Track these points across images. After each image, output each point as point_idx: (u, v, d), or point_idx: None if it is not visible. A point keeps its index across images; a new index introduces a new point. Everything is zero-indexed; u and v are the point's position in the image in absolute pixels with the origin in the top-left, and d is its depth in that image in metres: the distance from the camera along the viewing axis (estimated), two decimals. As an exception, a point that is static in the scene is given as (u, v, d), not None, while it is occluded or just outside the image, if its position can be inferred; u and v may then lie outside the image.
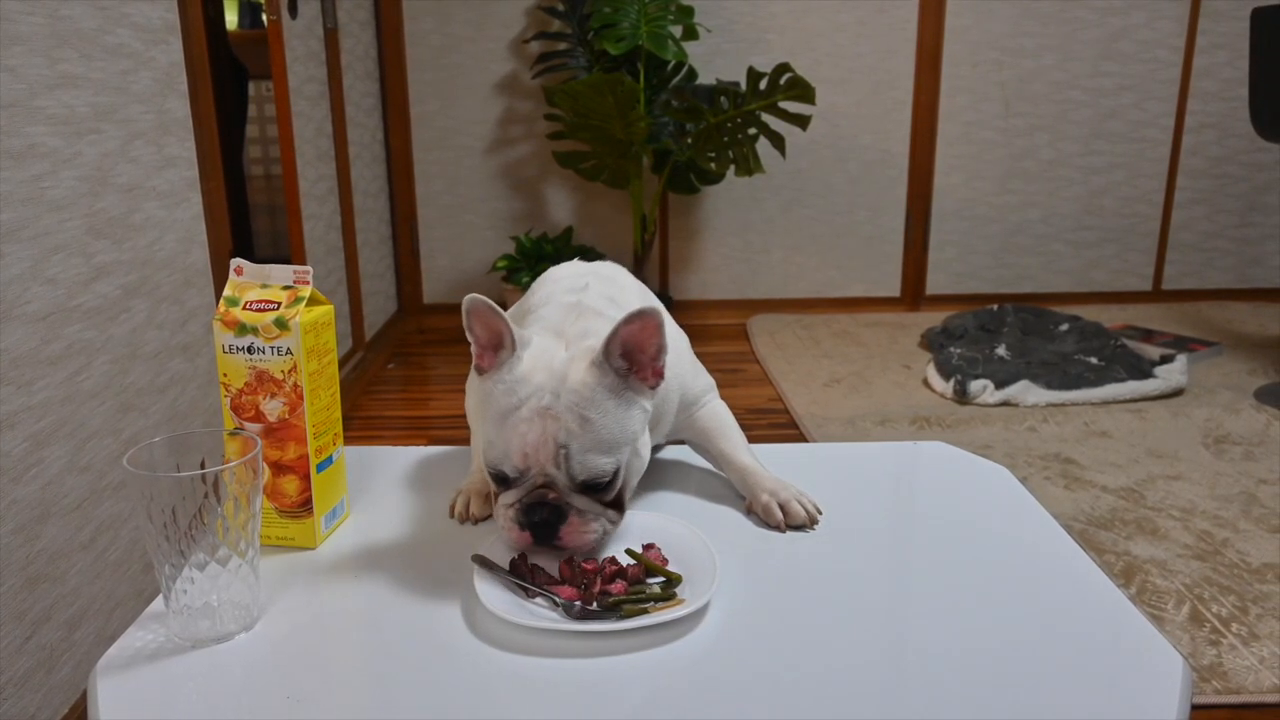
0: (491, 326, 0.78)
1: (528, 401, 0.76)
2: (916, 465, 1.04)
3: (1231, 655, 1.46)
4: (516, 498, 0.76)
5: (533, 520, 0.75)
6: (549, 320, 0.84)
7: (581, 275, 0.92)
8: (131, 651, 0.68)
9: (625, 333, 0.76)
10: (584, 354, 0.78)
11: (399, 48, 3.32)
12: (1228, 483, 2.08)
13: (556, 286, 0.91)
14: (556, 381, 0.76)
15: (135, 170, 1.51)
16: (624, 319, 0.75)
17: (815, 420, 2.50)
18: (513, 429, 0.75)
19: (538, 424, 0.75)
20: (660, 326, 0.76)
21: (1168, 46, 3.45)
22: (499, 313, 0.76)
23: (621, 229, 3.52)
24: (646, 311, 0.75)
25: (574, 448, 0.75)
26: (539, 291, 0.93)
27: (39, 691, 1.24)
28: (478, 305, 0.77)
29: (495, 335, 0.78)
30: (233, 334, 0.79)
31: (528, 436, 0.75)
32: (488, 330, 0.78)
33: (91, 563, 1.36)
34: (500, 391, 0.77)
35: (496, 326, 0.77)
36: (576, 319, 0.83)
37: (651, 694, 0.65)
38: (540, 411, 0.75)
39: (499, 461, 0.76)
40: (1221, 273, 3.70)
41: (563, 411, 0.75)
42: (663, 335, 0.77)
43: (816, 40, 3.39)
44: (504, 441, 0.76)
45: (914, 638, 0.71)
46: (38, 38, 1.27)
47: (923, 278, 3.65)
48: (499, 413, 0.77)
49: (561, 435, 0.75)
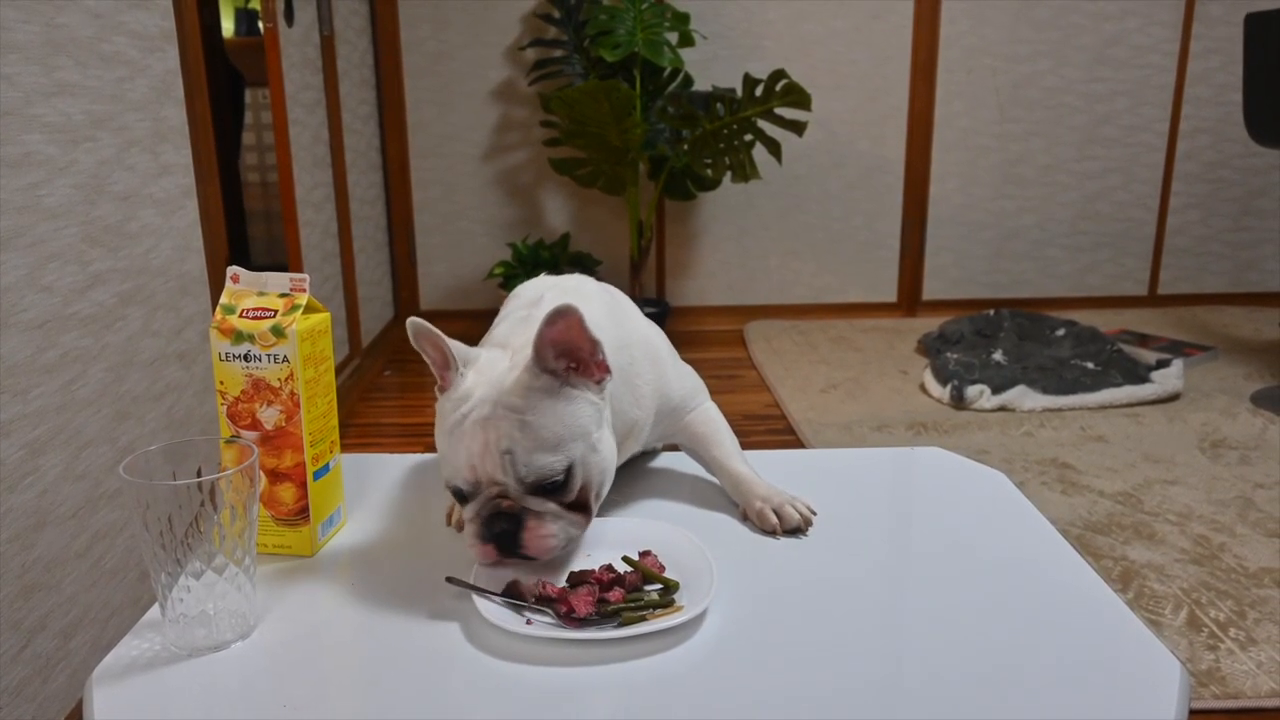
0: (438, 347, 0.79)
1: (470, 415, 0.77)
2: (913, 471, 1.04)
3: (1229, 660, 1.46)
4: (475, 511, 0.77)
5: (493, 532, 0.75)
6: (500, 335, 0.85)
7: (540, 289, 0.93)
8: (127, 660, 0.68)
9: (549, 334, 0.76)
10: (519, 362, 0.79)
11: (395, 55, 3.32)
12: (1224, 487, 2.08)
13: (516, 302, 0.93)
14: (495, 390, 0.77)
15: (131, 178, 1.51)
16: (544, 320, 0.75)
17: (812, 426, 2.50)
18: (458, 442, 0.76)
19: (479, 434, 0.76)
20: (580, 323, 0.76)
21: (1162, 52, 3.46)
22: (437, 334, 0.78)
23: (618, 235, 3.52)
24: (564, 310, 0.75)
25: (518, 451, 0.75)
26: (503, 311, 0.95)
27: (34, 701, 1.23)
28: (420, 329, 0.78)
29: (444, 355, 0.79)
30: (229, 342, 0.79)
31: (471, 447, 0.76)
32: (438, 350, 0.79)
33: (87, 571, 1.35)
34: (447, 409, 0.78)
35: (437, 345, 0.79)
36: (522, 330, 0.83)
37: (649, 701, 0.65)
38: (480, 422, 0.76)
39: (451, 477, 0.77)
40: (1217, 277, 3.71)
41: (501, 418, 0.76)
42: (587, 331, 0.77)
43: (812, 47, 3.40)
44: (452, 456, 0.77)
45: (911, 643, 0.71)
46: (33, 45, 1.27)
47: (919, 283, 3.65)
48: (445, 430, 0.78)
49: (503, 441, 0.75)
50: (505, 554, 0.76)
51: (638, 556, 0.77)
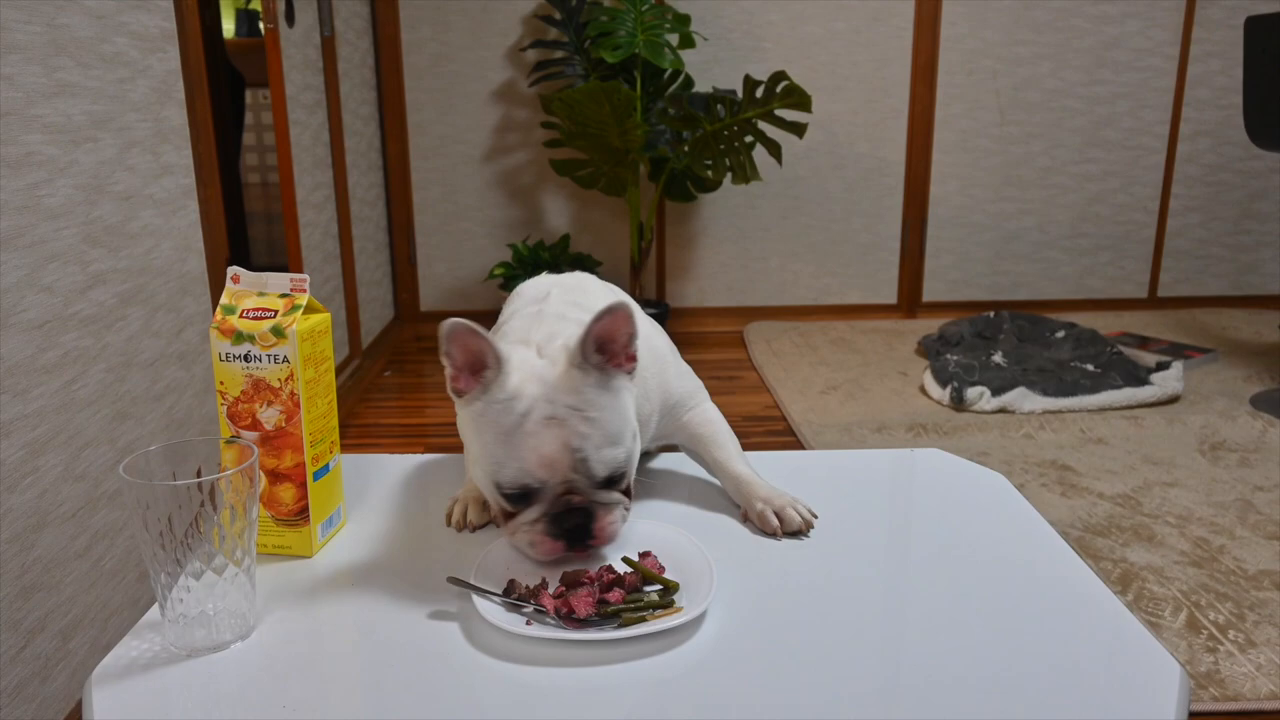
0: (471, 348, 0.77)
1: (530, 414, 0.75)
2: (913, 472, 1.04)
3: (1229, 662, 1.45)
4: (541, 511, 0.76)
5: (565, 528, 0.76)
6: (515, 333, 0.84)
7: (544, 286, 0.94)
8: (127, 661, 0.68)
9: (598, 329, 0.77)
10: (559, 356, 0.79)
11: (396, 56, 3.32)
12: (1224, 489, 2.08)
13: (520, 300, 0.94)
14: (549, 389, 0.76)
15: (132, 178, 1.51)
16: (595, 316, 0.76)
17: (812, 427, 2.50)
18: (524, 443, 0.75)
19: (548, 433, 0.75)
20: (630, 317, 0.77)
21: (1162, 55, 3.46)
22: (481, 333, 0.76)
23: (618, 236, 3.52)
24: (616, 306, 0.76)
25: (589, 448, 0.76)
26: (507, 309, 0.95)
27: (33, 702, 1.23)
28: (460, 329, 0.76)
29: (474, 357, 0.77)
30: (229, 342, 0.79)
31: (542, 448, 0.75)
32: (466, 352, 0.77)
33: (87, 571, 1.35)
34: (497, 411, 0.76)
35: (478, 347, 0.77)
36: (539, 325, 0.84)
37: (649, 702, 0.65)
38: (546, 421, 0.75)
39: (518, 479, 0.76)
40: (1217, 280, 3.71)
41: (567, 416, 0.76)
42: (633, 324, 0.78)
43: (813, 49, 3.40)
44: (518, 458, 0.75)
45: (910, 645, 0.71)
46: (35, 46, 1.27)
47: (919, 285, 3.65)
48: (502, 432, 0.76)
49: (575, 439, 0.75)
50: (573, 548, 0.76)
51: (637, 557, 0.77)
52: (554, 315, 0.86)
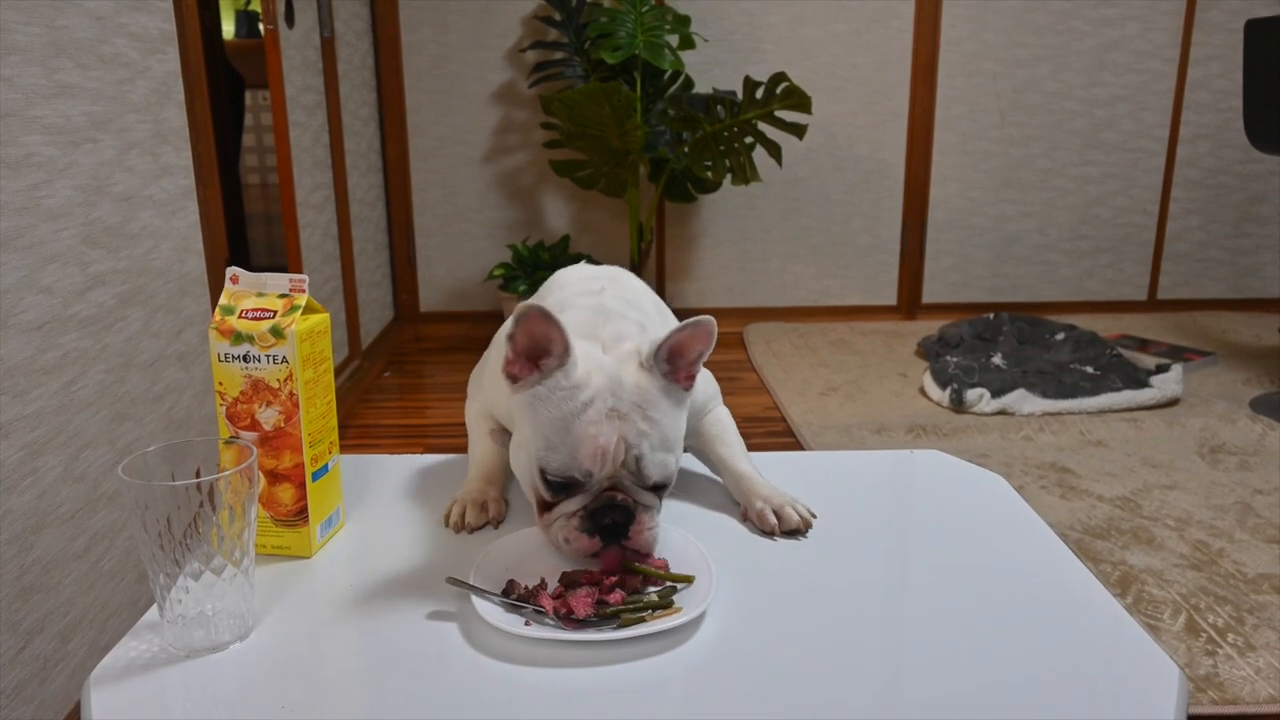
0: (540, 334, 0.76)
1: (593, 404, 0.75)
2: (912, 474, 1.04)
3: (1228, 666, 1.45)
4: (582, 504, 0.75)
5: (602, 524, 0.75)
6: (576, 324, 0.82)
7: (595, 279, 0.92)
8: (125, 661, 0.68)
9: (679, 339, 0.77)
10: (628, 357, 0.78)
11: (396, 57, 3.32)
12: (1223, 492, 2.08)
13: (569, 290, 0.91)
14: (615, 384, 0.76)
15: (131, 179, 1.51)
16: (680, 326, 0.77)
17: (812, 429, 2.50)
18: (582, 432, 0.74)
19: (609, 425, 0.75)
20: (711, 335, 0.78)
21: (1162, 58, 3.47)
22: (556, 321, 0.75)
23: (618, 237, 3.52)
24: (704, 321, 0.77)
25: (645, 447, 0.75)
26: (551, 295, 0.92)
27: (32, 703, 1.23)
28: (535, 313, 0.74)
29: (539, 343, 0.76)
30: (228, 342, 0.79)
31: (599, 439, 0.74)
32: (531, 338, 0.76)
33: (86, 572, 1.35)
34: (559, 397, 0.75)
35: (548, 334, 0.75)
36: (605, 323, 0.83)
37: (648, 703, 0.65)
38: (608, 413, 0.75)
39: (566, 467, 0.75)
40: (1216, 283, 3.71)
41: (630, 413, 0.75)
42: (711, 343, 0.78)
43: (813, 50, 3.40)
44: (572, 445, 0.75)
45: (909, 646, 0.71)
46: (34, 47, 1.27)
47: (919, 287, 3.66)
48: (559, 418, 0.75)
49: (633, 435, 0.75)
50: (608, 545, 0.76)
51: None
52: (616, 314, 0.85)
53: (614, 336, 0.82)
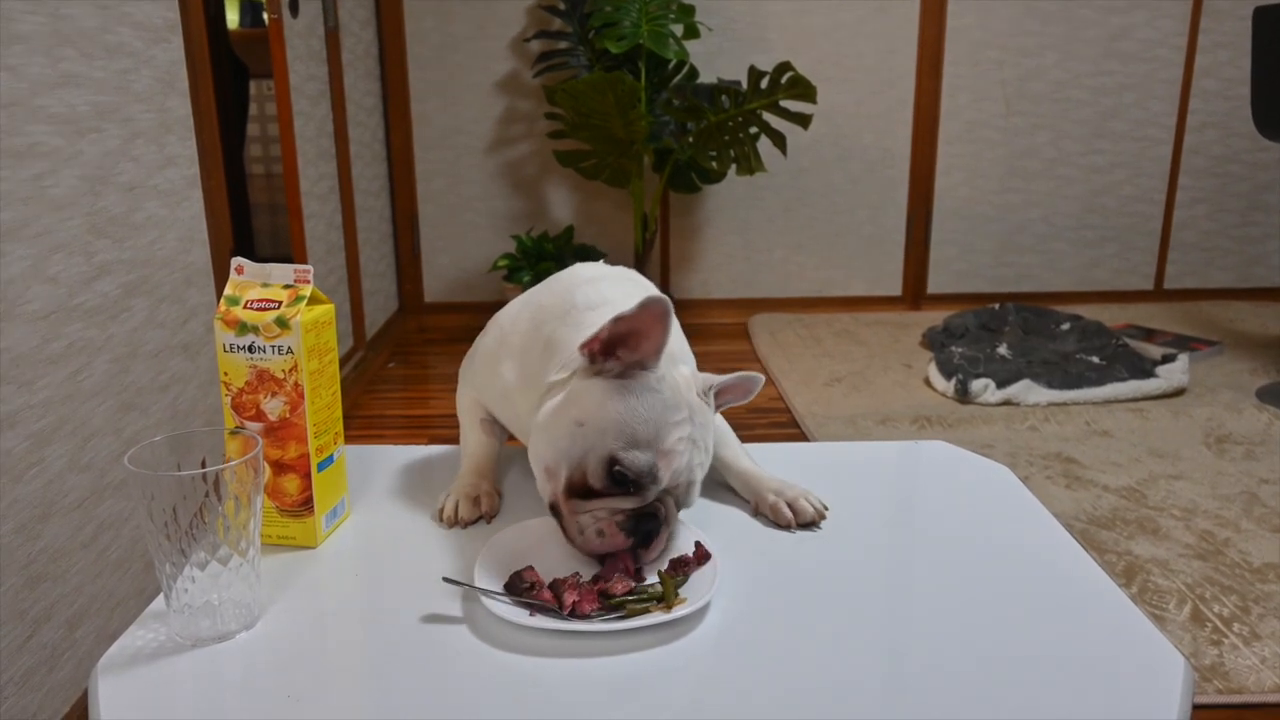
0: (647, 328, 0.75)
1: (679, 422, 0.77)
2: (917, 464, 1.04)
3: (1233, 655, 1.45)
4: (634, 505, 0.75)
5: (641, 530, 0.75)
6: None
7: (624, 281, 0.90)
8: (132, 650, 0.68)
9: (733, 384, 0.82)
10: (688, 383, 0.80)
11: (400, 46, 3.32)
12: (1229, 482, 2.08)
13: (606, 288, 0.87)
14: (691, 409, 0.78)
15: (136, 169, 1.51)
16: (735, 376, 0.82)
17: (816, 419, 2.50)
18: (673, 445, 0.76)
19: (688, 448, 0.77)
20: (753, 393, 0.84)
21: (1169, 45, 3.45)
22: (670, 323, 0.75)
23: (622, 228, 3.51)
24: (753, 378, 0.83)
25: (698, 476, 0.79)
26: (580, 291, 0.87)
27: (40, 691, 1.24)
28: (661, 307, 0.74)
29: (634, 337, 0.75)
30: (233, 333, 0.79)
31: (679, 460, 0.76)
32: (637, 328, 0.75)
33: (93, 561, 1.36)
34: (654, 400, 0.76)
35: (654, 332, 0.75)
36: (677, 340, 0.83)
37: (654, 694, 0.65)
38: (691, 437, 0.77)
39: (645, 469, 0.74)
40: (1223, 272, 3.70)
41: (698, 439, 0.78)
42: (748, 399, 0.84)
43: (818, 39, 3.39)
44: (659, 454, 0.75)
45: (915, 637, 0.71)
46: (39, 37, 1.27)
47: (924, 277, 3.65)
48: (652, 420, 0.75)
49: (695, 464, 0.78)
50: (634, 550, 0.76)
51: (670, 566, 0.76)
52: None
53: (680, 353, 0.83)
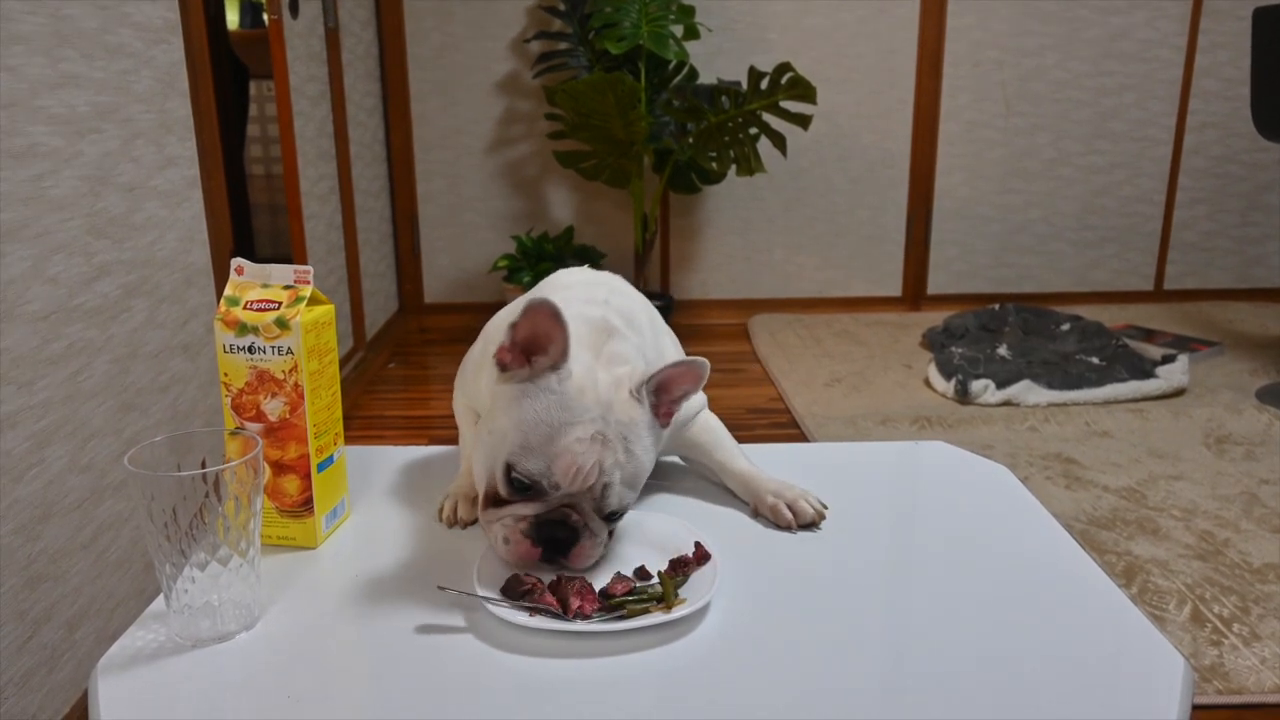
0: (543, 331, 0.75)
1: (580, 421, 0.74)
2: (917, 465, 1.04)
3: (1233, 655, 1.45)
4: (536, 511, 0.74)
5: (545, 536, 0.74)
6: (579, 334, 0.80)
7: (596, 286, 0.90)
8: (132, 651, 0.68)
9: (670, 374, 0.77)
10: (620, 381, 0.77)
11: (400, 47, 3.32)
12: (1229, 483, 2.08)
13: (572, 294, 0.87)
14: (604, 408, 0.75)
15: (136, 170, 1.51)
16: (675, 362, 0.77)
17: (816, 420, 2.50)
18: (566, 447, 0.73)
19: (592, 448, 0.74)
20: (702, 377, 0.78)
21: (1169, 46, 3.45)
22: (563, 323, 0.74)
23: (622, 228, 3.51)
24: (697, 362, 0.77)
25: (616, 478, 0.75)
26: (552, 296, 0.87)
27: (40, 691, 1.24)
28: (547, 308, 0.73)
29: (539, 340, 0.75)
30: (233, 334, 0.79)
31: (581, 459, 0.73)
32: (533, 333, 0.75)
33: (92, 562, 1.36)
34: (548, 401, 0.75)
35: (551, 334, 0.74)
36: (608, 339, 0.82)
37: (653, 694, 0.65)
38: (595, 436, 0.74)
39: (538, 474, 0.74)
40: (1223, 272, 3.70)
41: (614, 442, 0.75)
42: (701, 384, 0.79)
43: (817, 40, 3.39)
44: (551, 455, 0.74)
45: (915, 638, 0.71)
46: (39, 37, 1.27)
47: (924, 277, 3.65)
48: (544, 423, 0.74)
49: (609, 463, 0.74)
50: (546, 559, 0.75)
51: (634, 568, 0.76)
52: (619, 332, 0.84)
53: (611, 357, 0.80)
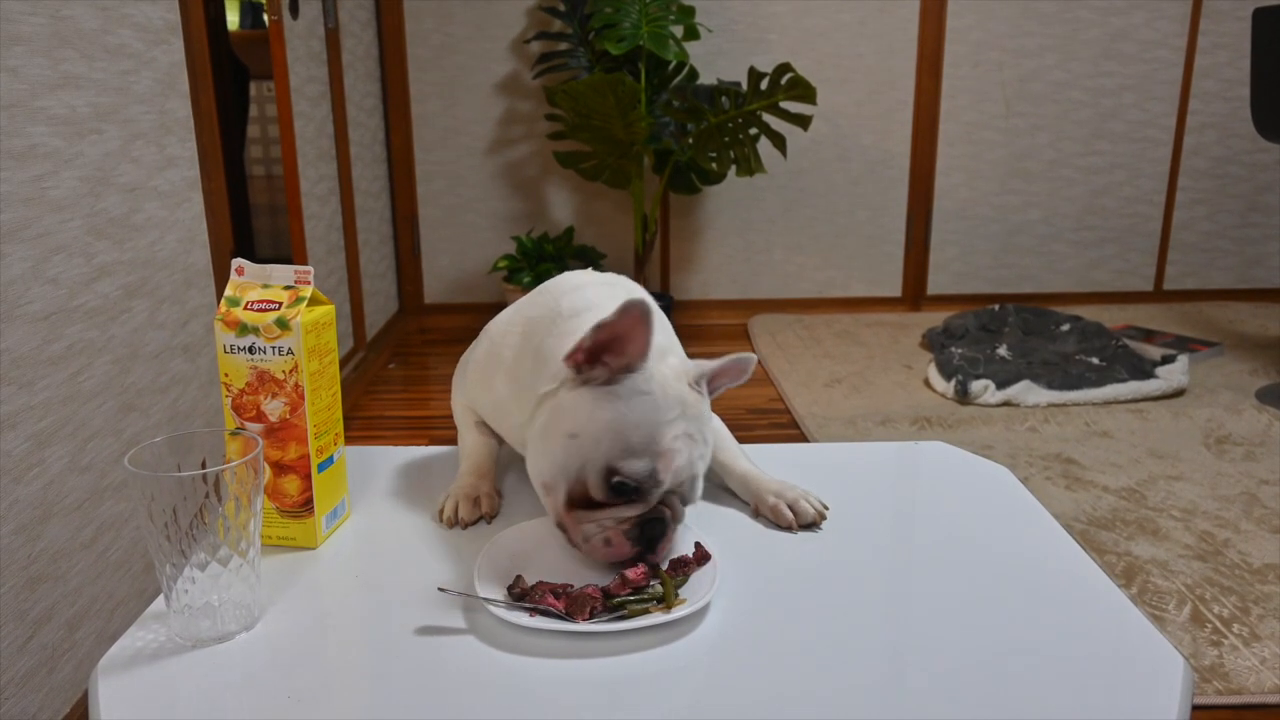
0: (627, 332, 0.73)
1: (673, 420, 0.75)
2: (918, 466, 1.04)
3: (1233, 656, 1.45)
4: (639, 513, 0.74)
5: (648, 536, 0.75)
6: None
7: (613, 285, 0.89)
8: (132, 651, 0.68)
9: (723, 368, 0.80)
10: (679, 375, 0.78)
11: (400, 48, 3.32)
12: (1229, 483, 2.08)
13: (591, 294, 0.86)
14: (682, 404, 0.76)
15: (136, 170, 1.51)
16: (729, 359, 0.80)
17: (816, 420, 2.50)
18: (668, 447, 0.74)
19: (686, 444, 0.75)
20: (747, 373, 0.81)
21: (1169, 46, 3.45)
22: (650, 324, 0.73)
23: (622, 229, 3.52)
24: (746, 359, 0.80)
25: (699, 470, 0.77)
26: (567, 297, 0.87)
27: (40, 691, 1.24)
28: (640, 309, 0.72)
29: (621, 341, 0.74)
30: (234, 334, 0.79)
31: (678, 458, 0.75)
32: (618, 333, 0.73)
33: (93, 563, 1.36)
34: (642, 403, 0.74)
35: (636, 335, 0.73)
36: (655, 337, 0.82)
37: (653, 694, 0.65)
38: (687, 433, 0.76)
39: (643, 475, 0.73)
40: (1223, 273, 3.70)
41: (695, 435, 0.77)
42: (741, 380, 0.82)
43: (817, 40, 3.39)
44: (656, 457, 0.74)
45: (915, 638, 0.71)
46: (39, 38, 1.27)
47: (924, 278, 3.65)
48: (643, 424, 0.74)
49: (695, 457, 0.76)
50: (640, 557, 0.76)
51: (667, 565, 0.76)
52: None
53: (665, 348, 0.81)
